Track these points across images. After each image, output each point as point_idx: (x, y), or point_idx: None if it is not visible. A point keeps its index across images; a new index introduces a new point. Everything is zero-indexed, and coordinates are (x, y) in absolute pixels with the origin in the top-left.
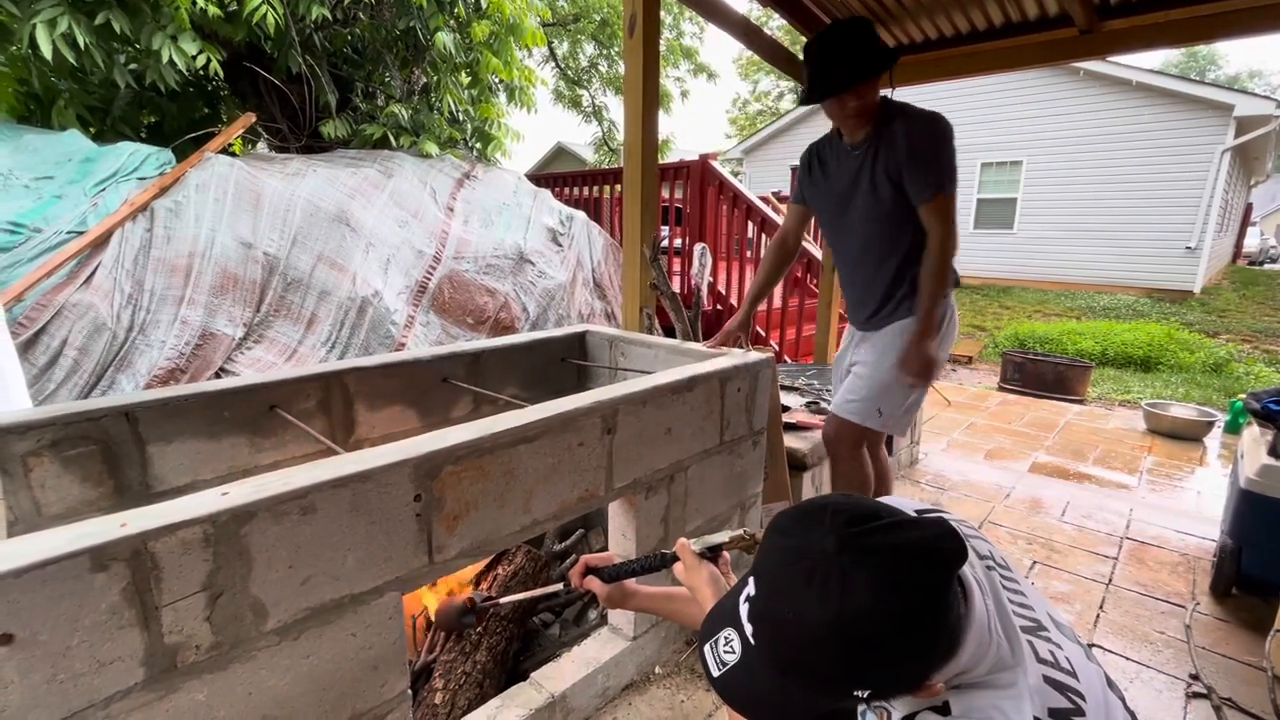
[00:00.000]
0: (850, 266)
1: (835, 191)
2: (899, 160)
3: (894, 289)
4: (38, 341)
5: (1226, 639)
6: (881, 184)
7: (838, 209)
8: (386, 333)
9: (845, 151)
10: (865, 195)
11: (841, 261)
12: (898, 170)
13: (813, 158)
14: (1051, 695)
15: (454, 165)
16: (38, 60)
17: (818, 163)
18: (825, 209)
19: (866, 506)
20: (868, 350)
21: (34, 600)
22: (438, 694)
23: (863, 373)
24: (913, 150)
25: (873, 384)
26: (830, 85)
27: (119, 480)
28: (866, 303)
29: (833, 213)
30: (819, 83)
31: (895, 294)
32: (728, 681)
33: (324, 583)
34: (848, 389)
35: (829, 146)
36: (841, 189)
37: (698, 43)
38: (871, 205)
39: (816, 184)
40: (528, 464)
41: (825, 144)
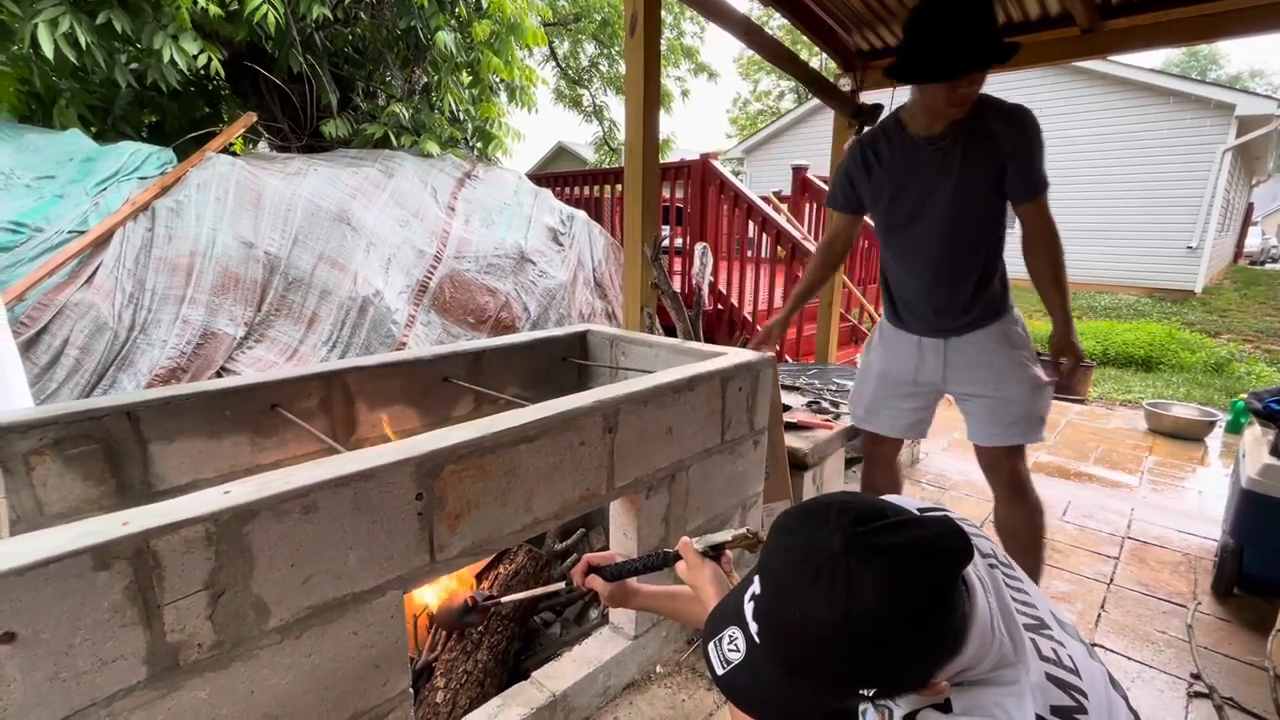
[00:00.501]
0: (925, 270)
1: (904, 189)
2: (1001, 157)
3: (983, 291)
4: (39, 341)
5: (1228, 639)
6: (973, 182)
7: (908, 208)
8: (387, 332)
9: (916, 145)
10: (950, 193)
11: (909, 265)
12: (997, 168)
13: (867, 152)
14: (1054, 693)
15: (455, 165)
16: (39, 60)
17: (874, 158)
18: (890, 208)
19: (872, 505)
20: (974, 367)
21: (36, 598)
22: (439, 693)
23: (1003, 392)
24: (1019, 147)
25: (1025, 396)
26: (951, 65)
27: (121, 479)
28: (951, 309)
29: (901, 212)
30: (937, 60)
31: (985, 296)
32: (732, 680)
33: (326, 581)
34: (992, 413)
35: (888, 140)
36: (914, 186)
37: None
38: (958, 204)
39: (876, 182)
40: (529, 463)
41: (881, 137)
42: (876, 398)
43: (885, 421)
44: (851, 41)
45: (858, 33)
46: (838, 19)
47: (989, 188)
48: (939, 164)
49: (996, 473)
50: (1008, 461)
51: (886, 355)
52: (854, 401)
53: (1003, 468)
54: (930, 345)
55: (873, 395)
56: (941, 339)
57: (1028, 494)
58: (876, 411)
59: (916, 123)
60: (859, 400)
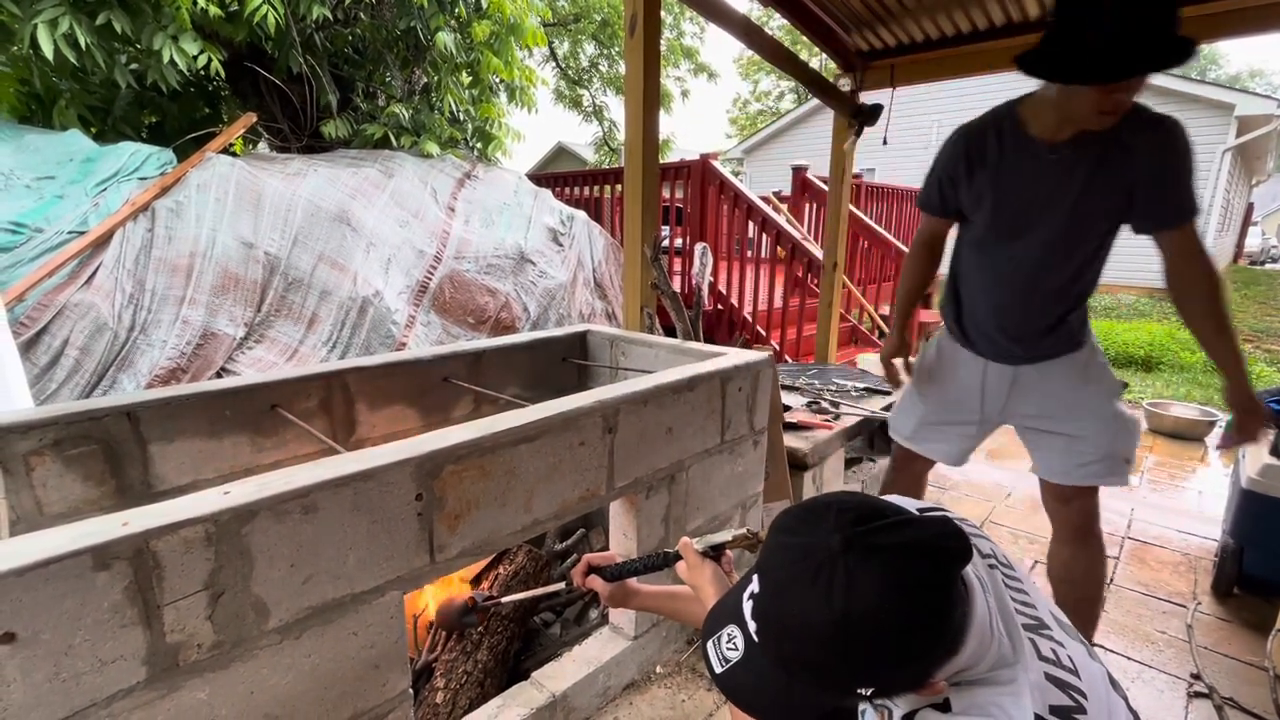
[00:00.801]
0: (1011, 290)
1: (1010, 198)
2: (1133, 177)
3: (1065, 320)
4: (39, 341)
5: (1228, 639)
6: (1093, 203)
7: (1011, 221)
8: (387, 333)
9: (1033, 150)
10: (1065, 213)
11: (992, 280)
12: (1125, 191)
13: (970, 149)
14: (1053, 692)
15: (455, 165)
16: (39, 60)
17: (977, 157)
18: (989, 217)
19: (871, 505)
20: (1045, 399)
21: (36, 599)
22: (439, 693)
23: (1079, 429)
24: (1165, 166)
25: (1105, 433)
26: (1117, 65)
27: (121, 480)
28: (1027, 335)
29: (1001, 224)
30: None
31: (1065, 326)
32: (730, 678)
33: (325, 582)
34: (1064, 450)
35: (999, 138)
36: (1023, 198)
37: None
38: (1071, 226)
39: (978, 185)
40: (529, 463)
41: (989, 133)
42: (929, 420)
43: (934, 446)
44: (851, 42)
45: (857, 33)
46: (837, 19)
47: (1111, 212)
48: (1057, 176)
49: (1064, 509)
50: (1079, 500)
51: (948, 375)
52: (900, 416)
53: (1072, 505)
54: (997, 372)
55: (924, 416)
56: (1010, 366)
57: (1094, 536)
58: (926, 436)
59: (1040, 123)
60: (906, 416)
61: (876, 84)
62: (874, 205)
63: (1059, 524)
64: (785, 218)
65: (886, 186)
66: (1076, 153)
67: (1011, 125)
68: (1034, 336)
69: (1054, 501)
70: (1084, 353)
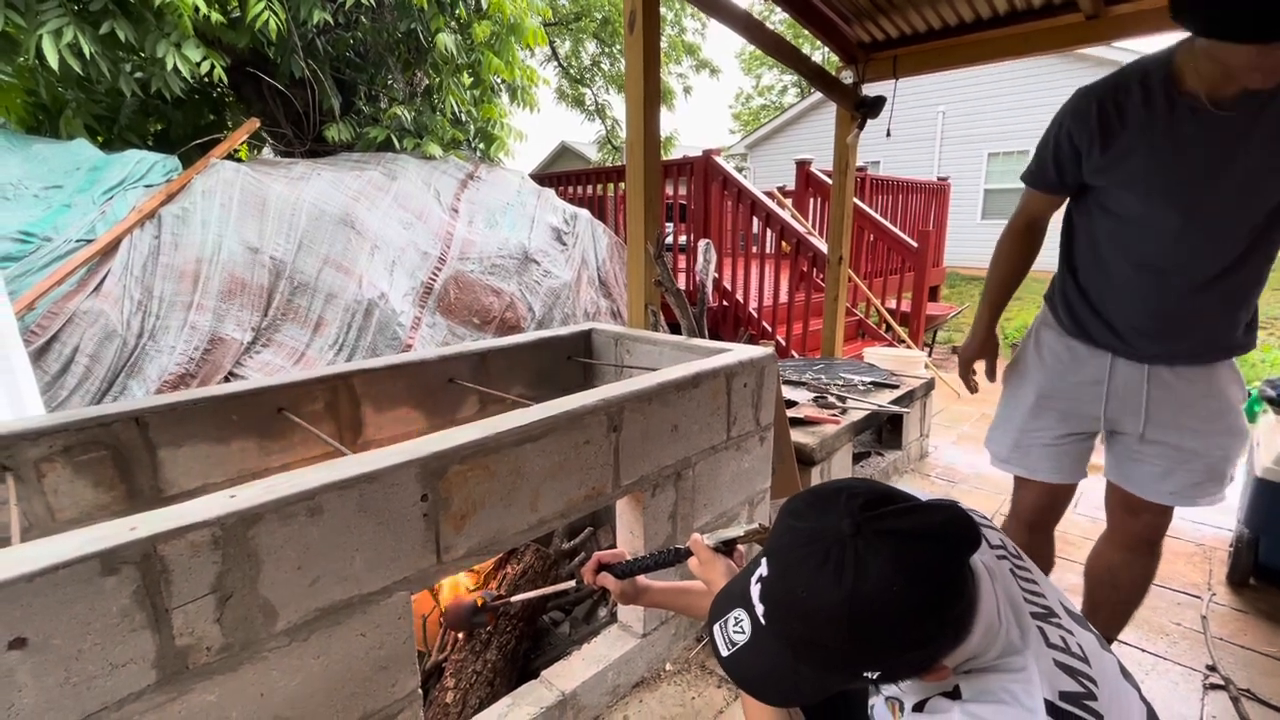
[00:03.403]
0: (1167, 276)
1: (1161, 161)
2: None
3: (1227, 314)
4: (50, 349)
5: (1244, 630)
6: (1265, 169)
7: (1162, 188)
8: (393, 334)
9: (1192, 108)
10: (1240, 178)
11: (1136, 259)
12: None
13: (1106, 109)
14: (1062, 679)
15: (457, 166)
16: (45, 70)
17: (1115, 117)
18: (1132, 183)
19: (881, 490)
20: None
21: (46, 604)
22: (449, 693)
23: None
24: None
25: (1228, 456)
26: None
27: (130, 485)
28: (1177, 327)
29: (1149, 191)
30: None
31: (1224, 322)
32: (737, 661)
33: (332, 583)
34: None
35: (1146, 95)
36: (1178, 161)
37: (700, 39)
38: (1246, 193)
39: (1120, 154)
40: (534, 463)
41: (1134, 90)
42: (1034, 434)
43: (1042, 464)
44: (853, 34)
45: (859, 24)
46: (838, 11)
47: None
48: (1225, 139)
49: (1135, 518)
50: (1162, 516)
51: (1052, 374)
52: (996, 433)
53: (1146, 520)
54: (1126, 370)
55: (1025, 431)
56: (1144, 365)
57: (1158, 549)
58: (1028, 449)
59: (1200, 76)
60: (1004, 431)
61: (879, 76)
62: (879, 198)
63: (1122, 533)
64: (789, 212)
65: (891, 179)
66: (1250, 112)
67: (1163, 79)
68: (1184, 331)
69: (1123, 511)
70: (1233, 361)
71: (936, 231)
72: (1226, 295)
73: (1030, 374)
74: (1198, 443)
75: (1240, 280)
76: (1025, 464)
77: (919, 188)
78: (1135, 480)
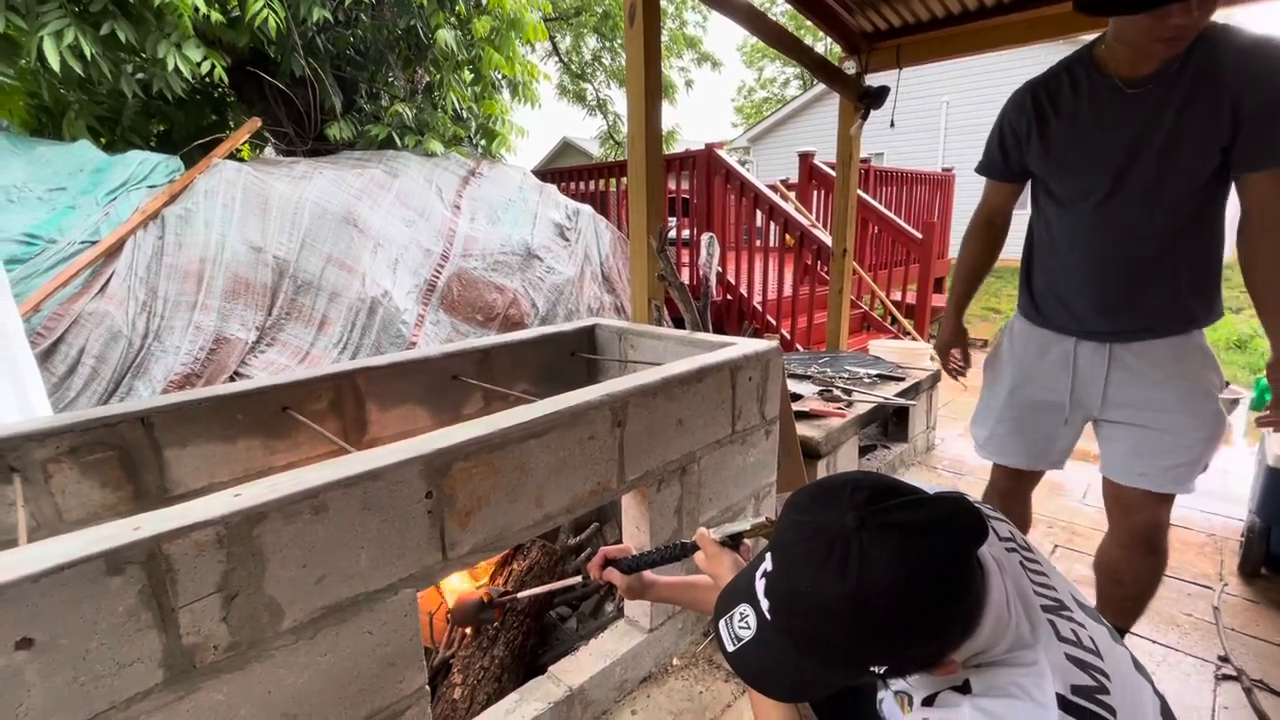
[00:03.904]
0: (1107, 253)
1: (1090, 146)
2: (1233, 111)
3: (1175, 288)
4: (56, 351)
5: (1256, 620)
6: (1188, 142)
7: (1094, 171)
8: (397, 332)
9: (1114, 90)
10: (1156, 156)
11: (1081, 244)
12: (1224, 126)
13: (1039, 99)
14: (1074, 673)
15: (459, 163)
16: (46, 72)
17: (1048, 107)
18: (1067, 171)
19: (886, 483)
20: (1143, 385)
21: (52, 604)
22: (457, 689)
23: (1173, 425)
24: (1261, 95)
25: (1200, 436)
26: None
27: (137, 485)
28: (1124, 304)
29: (1083, 176)
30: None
31: (1176, 295)
32: (742, 656)
33: (338, 581)
34: (1148, 447)
35: (1073, 83)
36: (1106, 144)
37: (701, 31)
38: (1168, 166)
39: (1052, 137)
40: (538, 458)
41: (1062, 80)
42: (1007, 418)
43: (1014, 449)
44: (855, 23)
45: (861, 14)
46: (841, 1)
47: (1210, 152)
48: (1144, 115)
49: (1128, 517)
50: (1150, 510)
51: (1022, 362)
52: (977, 422)
53: (1139, 514)
54: (1089, 352)
55: (1001, 415)
56: (1104, 344)
57: (1159, 547)
58: (1002, 437)
59: (1116, 60)
60: (983, 420)
61: (882, 65)
62: (883, 189)
63: (1120, 529)
64: (793, 205)
65: (895, 170)
66: (1163, 88)
67: (1086, 69)
68: (1132, 307)
69: (1116, 507)
70: (1194, 336)
71: (941, 223)
72: (1168, 268)
73: (1004, 364)
74: (1167, 422)
75: (1179, 253)
76: (1001, 452)
77: (923, 179)
78: (1108, 463)
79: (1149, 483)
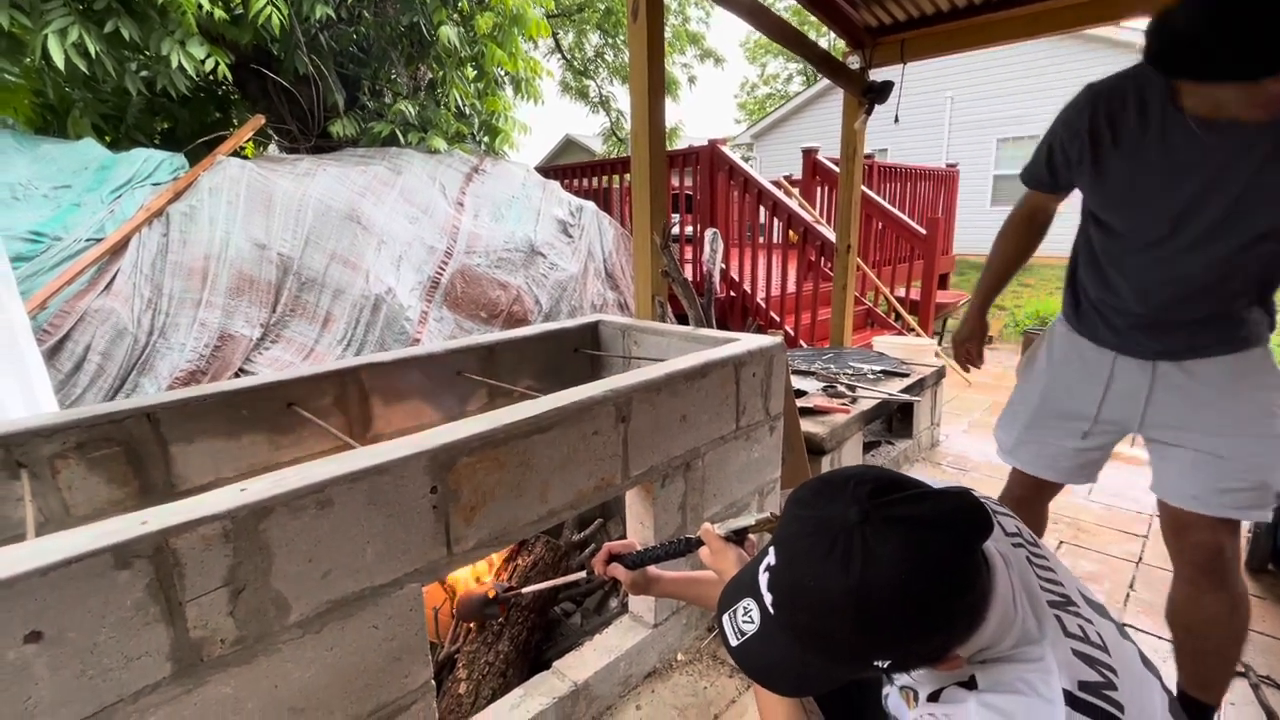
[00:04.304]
0: (1155, 283)
1: (1154, 180)
2: None
3: (1236, 308)
4: (62, 348)
5: (1262, 616)
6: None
7: (1156, 206)
8: (401, 329)
9: (1189, 136)
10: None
11: (1132, 272)
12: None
13: (1098, 121)
14: (1081, 669)
15: (462, 160)
16: (51, 70)
17: (1106, 130)
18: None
19: (890, 477)
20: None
21: (60, 598)
22: (462, 684)
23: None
24: None
25: (1265, 458)
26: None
27: (144, 480)
28: (1179, 324)
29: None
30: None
31: (1236, 315)
32: (746, 651)
33: (344, 576)
34: (1204, 470)
35: (1142, 110)
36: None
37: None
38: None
39: (1106, 172)
40: (543, 454)
41: (1130, 103)
42: (1033, 426)
43: (1038, 459)
44: (859, 17)
45: (865, 8)
46: None
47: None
48: (1220, 163)
49: (1181, 538)
50: (1210, 533)
51: (1058, 368)
52: (1003, 424)
53: (1196, 538)
54: (1131, 369)
55: (1028, 422)
56: (1149, 361)
57: (1228, 580)
58: (1027, 444)
59: (1196, 97)
60: (1010, 424)
61: (886, 60)
62: (887, 186)
63: (1180, 560)
64: (796, 201)
65: (899, 166)
66: (1244, 135)
67: (1161, 96)
68: (1187, 327)
69: (1170, 529)
70: (1255, 354)
71: (945, 219)
72: (1225, 293)
73: (1040, 370)
74: (1220, 445)
75: (1237, 280)
76: (1026, 461)
77: (927, 175)
78: (1158, 482)
79: (1201, 505)
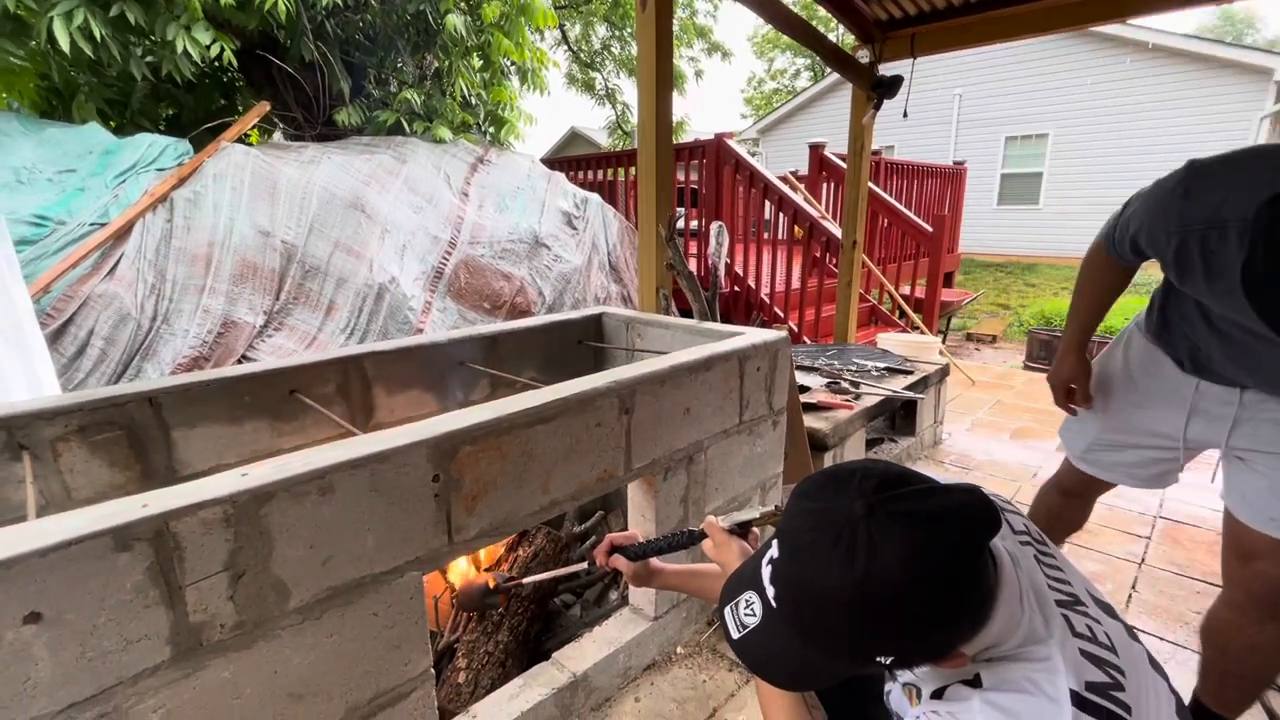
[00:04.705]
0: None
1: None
2: None
3: None
4: (66, 332)
5: None
6: None
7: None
8: (404, 319)
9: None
10: None
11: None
12: None
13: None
14: (1088, 669)
15: (467, 150)
16: (56, 54)
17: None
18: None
19: (896, 472)
20: None
21: (60, 579)
22: (461, 673)
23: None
24: None
25: None
26: None
27: (145, 465)
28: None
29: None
30: None
31: None
32: (747, 644)
33: (345, 562)
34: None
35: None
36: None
37: (711, 20)
38: None
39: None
40: (545, 444)
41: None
42: (1108, 440)
43: (1115, 467)
44: (870, 11)
45: (876, 2)
46: None
47: None
48: None
49: (1245, 565)
50: (1276, 561)
51: (1136, 383)
52: (1071, 431)
53: (1261, 564)
54: (1215, 395)
55: (1101, 435)
56: (1237, 389)
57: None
58: (1102, 456)
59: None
60: (1079, 432)
61: (896, 55)
62: (894, 182)
63: (1231, 585)
64: (802, 197)
65: (906, 163)
66: None
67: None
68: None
69: (1232, 551)
70: None
71: (952, 216)
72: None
73: (1114, 380)
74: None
75: None
76: (1101, 469)
77: (934, 172)
78: (1234, 496)
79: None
